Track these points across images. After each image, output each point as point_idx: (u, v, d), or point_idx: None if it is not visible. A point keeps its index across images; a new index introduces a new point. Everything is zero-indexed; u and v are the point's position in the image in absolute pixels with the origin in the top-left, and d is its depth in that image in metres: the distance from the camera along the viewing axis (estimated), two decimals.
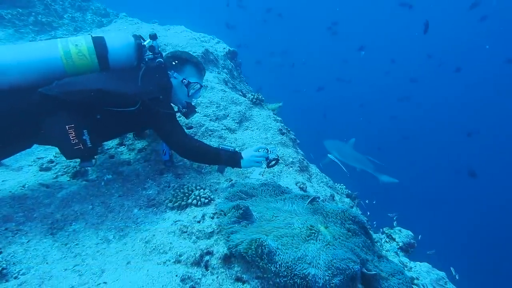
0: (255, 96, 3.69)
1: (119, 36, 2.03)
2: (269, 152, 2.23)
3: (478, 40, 26.96)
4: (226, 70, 4.50)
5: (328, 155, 6.41)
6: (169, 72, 2.19)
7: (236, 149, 2.22)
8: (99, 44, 1.92)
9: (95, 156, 2.01)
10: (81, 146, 1.81)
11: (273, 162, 2.23)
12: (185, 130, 2.30)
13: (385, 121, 21.97)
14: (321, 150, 7.24)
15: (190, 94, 2.26)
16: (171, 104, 2.24)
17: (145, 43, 2.11)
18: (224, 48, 4.99)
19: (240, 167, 2.19)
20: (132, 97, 1.91)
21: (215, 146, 2.18)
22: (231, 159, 2.16)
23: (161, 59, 2.14)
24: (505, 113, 25.13)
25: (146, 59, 2.10)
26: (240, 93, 4.24)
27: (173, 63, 2.22)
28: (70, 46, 1.85)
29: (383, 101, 23.32)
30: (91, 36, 1.93)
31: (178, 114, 2.29)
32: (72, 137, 1.79)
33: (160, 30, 5.03)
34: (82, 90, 1.79)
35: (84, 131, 1.82)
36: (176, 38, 4.48)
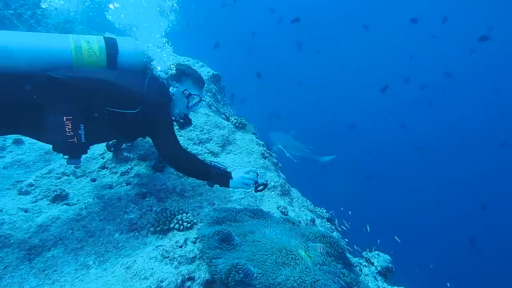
0: (238, 120, 3.78)
1: (130, 41, 2.10)
2: (259, 176, 2.24)
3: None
4: (210, 93, 4.59)
5: (279, 145, 6.75)
6: (171, 82, 2.25)
7: (228, 169, 2.23)
8: (111, 44, 1.97)
9: (82, 156, 1.98)
10: (75, 139, 1.81)
11: (261, 187, 2.23)
12: None
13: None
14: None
15: (189, 105, 2.32)
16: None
17: None
18: (208, 72, 5.09)
19: (228, 186, 2.19)
20: (136, 97, 1.96)
21: (207, 162, 2.20)
22: (222, 177, 2.16)
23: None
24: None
25: (152, 67, 2.16)
26: (224, 116, 4.32)
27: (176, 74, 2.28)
28: (82, 42, 1.89)
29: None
30: (104, 36, 1.99)
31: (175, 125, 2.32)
32: (68, 129, 1.78)
33: None
34: (90, 78, 1.84)
35: (81, 125, 1.83)
36: None
